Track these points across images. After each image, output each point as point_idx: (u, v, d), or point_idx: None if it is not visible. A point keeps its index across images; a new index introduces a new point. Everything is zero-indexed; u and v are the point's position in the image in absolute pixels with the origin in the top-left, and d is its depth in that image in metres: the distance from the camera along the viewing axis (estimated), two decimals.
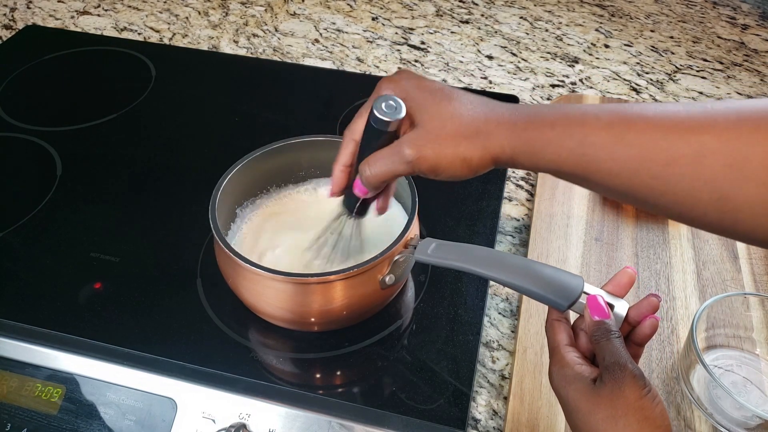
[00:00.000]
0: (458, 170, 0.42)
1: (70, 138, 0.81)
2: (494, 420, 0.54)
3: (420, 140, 0.42)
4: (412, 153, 0.42)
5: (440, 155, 0.42)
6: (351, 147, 0.47)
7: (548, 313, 0.45)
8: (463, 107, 0.42)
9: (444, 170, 0.42)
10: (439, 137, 0.42)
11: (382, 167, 0.44)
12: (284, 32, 1.06)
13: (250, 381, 0.54)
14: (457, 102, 0.43)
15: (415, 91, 0.44)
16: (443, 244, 0.51)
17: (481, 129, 0.41)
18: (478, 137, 0.41)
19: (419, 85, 0.44)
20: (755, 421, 0.49)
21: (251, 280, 0.53)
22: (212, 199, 0.56)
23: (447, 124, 0.42)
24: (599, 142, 0.37)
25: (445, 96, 0.43)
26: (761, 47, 1.03)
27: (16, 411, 0.53)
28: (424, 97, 0.43)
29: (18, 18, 1.08)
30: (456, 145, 0.41)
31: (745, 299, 0.59)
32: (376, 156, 0.44)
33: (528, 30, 1.07)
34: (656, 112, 0.37)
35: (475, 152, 0.41)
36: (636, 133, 0.36)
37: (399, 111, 0.43)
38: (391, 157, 0.43)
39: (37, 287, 0.62)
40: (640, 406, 0.37)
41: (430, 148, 0.42)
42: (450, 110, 0.42)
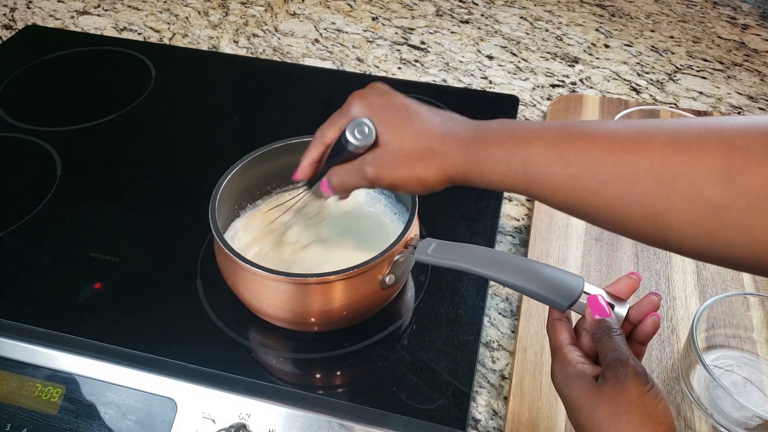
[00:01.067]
0: (414, 188, 0.45)
1: (70, 138, 0.81)
2: (494, 420, 0.54)
3: (379, 160, 0.45)
4: (372, 172, 0.45)
5: (397, 175, 0.45)
6: (321, 149, 0.50)
7: (549, 313, 0.46)
8: (422, 128, 0.45)
9: (401, 187, 0.45)
10: (397, 158, 0.45)
11: (346, 180, 0.48)
12: (284, 32, 1.06)
13: (250, 381, 0.54)
14: (417, 122, 0.45)
15: (382, 109, 0.46)
16: (443, 244, 0.51)
17: (436, 150, 0.44)
18: (433, 158, 0.44)
19: (386, 102, 0.47)
20: (755, 421, 0.49)
21: (251, 280, 0.53)
22: (212, 200, 0.56)
23: (406, 145, 0.45)
24: (541, 161, 0.39)
25: (408, 116, 0.46)
26: (761, 47, 1.03)
27: (16, 411, 0.53)
28: (388, 116, 0.46)
29: (18, 18, 1.08)
30: (411, 166, 0.44)
31: (745, 299, 0.59)
32: (342, 168, 0.48)
33: (528, 30, 1.07)
34: (596, 130, 0.38)
35: (429, 173, 0.44)
36: (574, 152, 0.38)
37: (369, 137, 0.46)
38: (354, 173, 0.47)
39: (37, 287, 0.62)
40: (643, 402, 0.37)
41: (388, 169, 0.45)
42: (410, 131, 0.45)
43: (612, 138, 0.37)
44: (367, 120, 0.46)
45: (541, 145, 0.39)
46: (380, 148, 0.46)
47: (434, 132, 0.45)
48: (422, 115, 0.46)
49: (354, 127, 0.45)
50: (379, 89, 0.49)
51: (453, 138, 0.44)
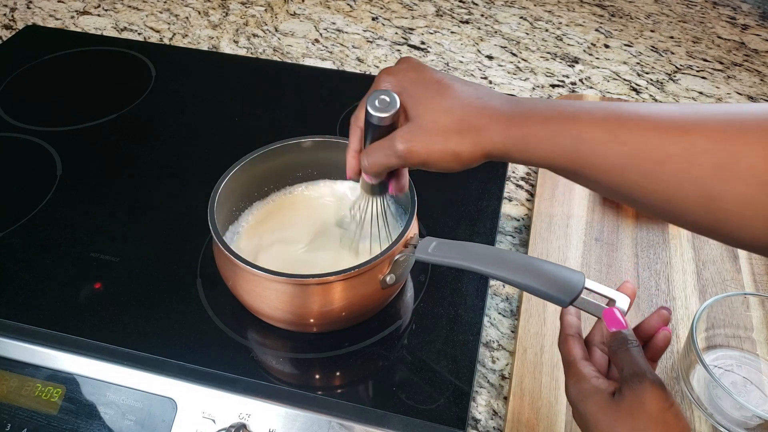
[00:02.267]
0: (449, 164, 0.43)
1: (70, 138, 0.81)
2: (494, 420, 0.54)
3: (411, 134, 0.43)
4: (403, 147, 0.43)
5: (431, 150, 0.42)
6: (357, 134, 0.48)
7: (561, 329, 0.45)
8: (456, 101, 0.43)
9: (434, 164, 0.43)
10: (430, 132, 0.43)
11: (377, 159, 0.45)
12: (284, 32, 1.06)
13: (250, 381, 0.54)
14: (451, 95, 0.43)
15: (411, 84, 0.45)
16: (443, 243, 0.51)
17: (473, 124, 0.42)
18: (469, 132, 0.42)
19: (417, 78, 0.45)
20: (755, 421, 0.49)
21: (250, 281, 0.53)
22: (211, 200, 0.56)
23: (439, 119, 0.43)
24: (592, 139, 0.38)
25: (440, 89, 0.44)
26: (761, 47, 1.03)
27: (16, 411, 0.53)
28: (419, 90, 0.44)
29: (18, 18, 1.08)
30: (446, 140, 0.42)
31: (745, 299, 0.59)
32: (372, 147, 0.46)
33: (528, 30, 1.07)
34: (649, 111, 0.37)
35: (465, 147, 0.42)
36: (628, 131, 0.37)
37: (392, 106, 0.44)
38: (384, 150, 0.44)
39: (37, 287, 0.62)
40: (664, 420, 0.36)
41: (421, 143, 0.43)
42: (443, 104, 0.43)
43: (666, 118, 0.36)
44: (388, 91, 0.44)
45: (593, 123, 0.38)
46: (412, 123, 0.44)
47: (470, 105, 0.43)
48: (456, 88, 0.44)
49: (374, 99, 0.44)
50: (410, 64, 0.47)
51: (491, 112, 0.42)
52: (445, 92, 0.44)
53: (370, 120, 0.45)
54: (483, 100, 0.43)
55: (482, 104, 0.43)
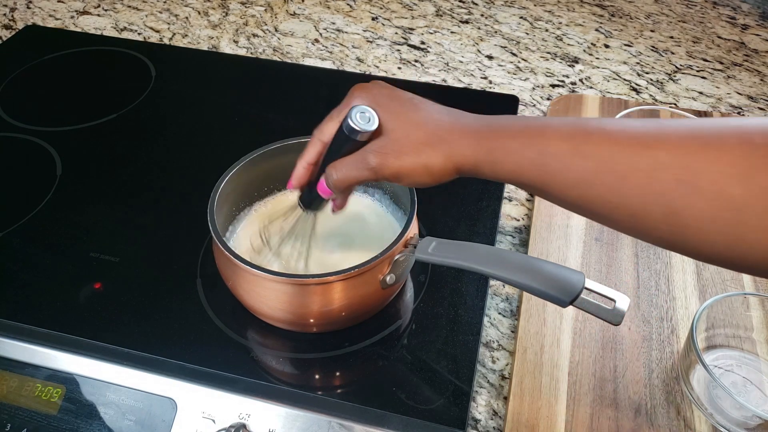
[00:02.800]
0: (419, 177, 0.44)
1: (70, 138, 0.81)
2: (494, 420, 0.54)
3: (384, 148, 0.44)
4: (376, 160, 0.44)
5: (402, 163, 0.43)
6: (318, 147, 0.49)
7: None
8: (429, 117, 0.44)
9: (406, 176, 0.44)
10: (403, 146, 0.43)
11: (348, 173, 0.45)
12: (284, 32, 1.06)
13: (250, 381, 0.54)
14: (424, 112, 0.44)
15: (385, 99, 0.45)
16: (443, 243, 0.51)
17: (445, 138, 0.43)
18: (440, 146, 0.43)
19: (390, 94, 0.46)
20: (755, 421, 0.49)
21: (250, 281, 0.53)
22: (211, 200, 0.56)
23: (411, 133, 0.43)
24: (558, 153, 0.38)
25: (413, 106, 0.45)
26: (761, 47, 1.03)
27: (16, 411, 0.53)
28: (393, 106, 0.45)
29: (18, 18, 1.08)
30: (418, 154, 0.43)
31: (745, 299, 0.58)
32: (342, 162, 0.46)
33: (528, 30, 1.07)
34: (614, 127, 0.38)
35: (436, 160, 0.43)
36: (593, 146, 0.37)
37: (372, 123, 0.44)
38: (356, 164, 0.45)
39: (37, 287, 0.62)
40: None
41: (393, 156, 0.43)
42: (416, 119, 0.44)
43: (630, 133, 0.37)
44: (366, 107, 0.44)
45: (559, 138, 0.39)
46: (384, 136, 0.44)
47: (442, 121, 0.44)
48: (428, 106, 0.45)
49: (356, 113, 0.44)
50: (382, 84, 0.48)
51: (462, 128, 0.43)
52: (417, 108, 0.45)
53: (348, 134, 0.45)
54: (454, 116, 0.44)
55: (453, 120, 0.44)
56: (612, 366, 0.56)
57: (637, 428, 0.52)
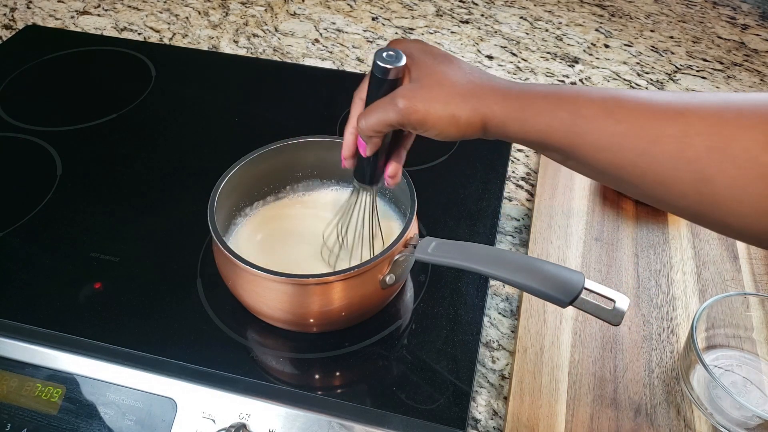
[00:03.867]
0: (446, 127, 0.43)
1: (70, 138, 0.81)
2: (494, 420, 0.54)
3: (413, 92, 0.44)
4: (404, 103, 0.43)
5: (430, 109, 0.43)
6: (360, 107, 0.48)
7: None
8: (461, 71, 0.44)
9: (432, 125, 0.43)
10: (432, 92, 0.43)
11: (376, 116, 0.45)
12: (284, 32, 1.06)
13: (250, 381, 0.54)
14: (456, 66, 0.45)
15: (418, 51, 0.46)
16: (443, 243, 0.51)
17: (475, 92, 0.43)
18: (470, 98, 0.43)
19: (425, 48, 0.47)
20: (755, 421, 0.49)
21: (250, 281, 0.53)
22: (211, 200, 0.56)
23: (443, 82, 0.44)
24: (590, 115, 0.38)
25: (446, 59, 0.45)
26: (761, 47, 1.03)
27: (16, 411, 0.53)
28: (426, 58, 0.45)
29: (18, 18, 1.08)
30: (447, 102, 0.43)
31: (745, 299, 0.59)
32: (372, 106, 0.46)
33: (528, 30, 1.07)
34: (647, 95, 0.38)
35: (464, 111, 0.42)
36: (626, 110, 0.37)
37: (399, 59, 0.44)
38: (384, 106, 0.44)
39: (37, 287, 0.62)
40: None
41: (422, 101, 0.43)
42: (448, 71, 0.44)
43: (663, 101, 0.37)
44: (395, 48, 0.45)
45: (591, 101, 0.39)
46: (414, 83, 0.44)
47: (473, 76, 0.44)
48: (461, 63, 0.46)
49: (382, 52, 0.44)
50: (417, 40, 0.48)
51: (494, 85, 0.43)
52: (450, 63, 0.45)
53: (376, 73, 0.44)
54: (486, 75, 0.45)
55: (485, 78, 0.44)
56: (612, 366, 0.56)
57: (637, 428, 0.52)
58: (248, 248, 0.61)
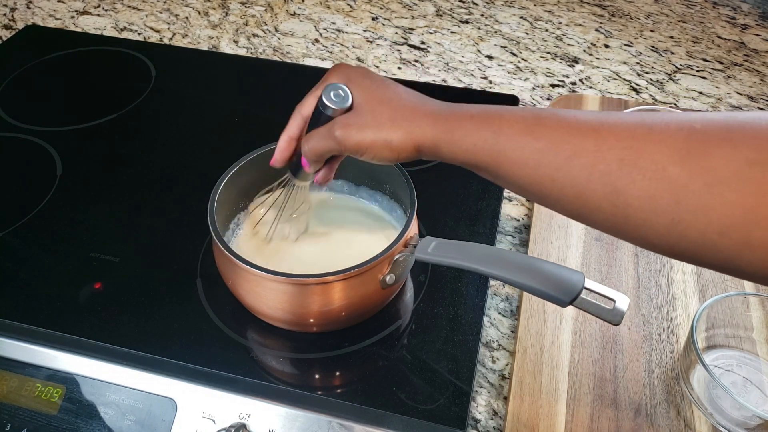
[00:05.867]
0: (380, 151, 0.46)
1: (70, 138, 0.81)
2: (494, 420, 0.54)
3: (349, 121, 0.47)
4: (339, 132, 0.46)
5: (363, 136, 0.46)
6: (298, 121, 0.52)
7: None
8: (396, 96, 0.47)
9: (367, 150, 0.46)
10: (367, 120, 0.46)
11: (316, 144, 0.49)
12: (284, 32, 1.06)
13: (250, 381, 0.54)
14: (392, 91, 0.48)
15: (358, 77, 0.49)
16: (443, 243, 0.51)
17: (407, 116, 0.45)
18: (402, 122, 0.45)
19: (364, 74, 0.49)
20: (755, 421, 0.49)
21: (250, 281, 0.53)
22: (211, 200, 0.56)
23: (377, 109, 0.46)
24: (511, 133, 0.40)
25: (383, 84, 0.48)
26: (761, 47, 1.03)
27: (16, 411, 0.53)
28: (364, 83, 0.48)
29: (18, 18, 1.08)
30: (380, 129, 0.45)
31: (745, 299, 0.59)
32: (313, 133, 0.49)
33: (528, 30, 1.07)
34: (567, 114, 0.40)
35: (396, 135, 0.45)
36: (545, 128, 0.39)
37: (345, 101, 0.47)
38: (323, 135, 0.48)
39: (37, 287, 0.62)
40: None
41: (356, 129, 0.46)
42: (383, 97, 0.47)
43: (581, 119, 0.39)
44: (343, 85, 0.47)
45: (514, 120, 0.41)
46: (352, 112, 0.47)
47: (408, 101, 0.46)
48: (397, 87, 0.48)
49: (330, 91, 0.47)
50: (361, 67, 0.51)
51: (426, 108, 0.45)
52: (387, 88, 0.48)
53: (323, 110, 0.48)
54: (420, 99, 0.47)
55: (419, 101, 0.47)
56: (612, 366, 0.56)
57: (637, 428, 0.52)
58: (248, 248, 0.61)
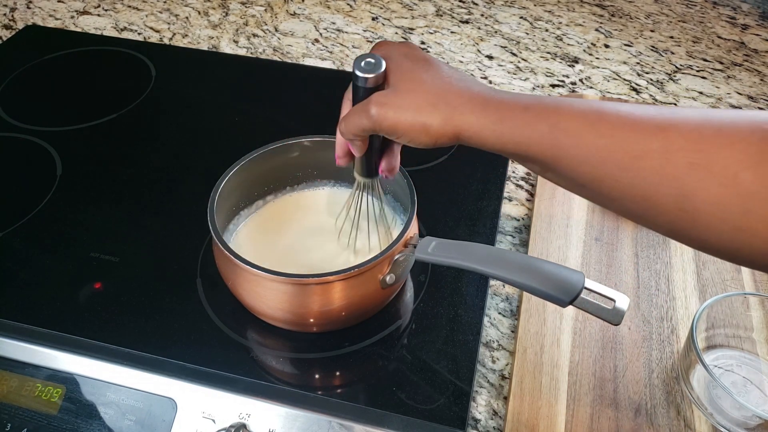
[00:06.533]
0: (417, 135, 0.43)
1: (70, 138, 0.81)
2: (494, 420, 0.54)
3: (386, 99, 0.43)
4: (375, 110, 0.43)
5: (401, 117, 0.43)
6: (348, 107, 0.48)
7: None
8: (438, 78, 0.44)
9: (403, 132, 0.43)
10: (405, 100, 0.43)
11: (352, 120, 0.45)
12: (284, 32, 1.06)
13: (250, 381, 0.54)
14: (434, 71, 0.44)
15: (399, 55, 0.45)
16: (443, 243, 0.51)
17: (450, 101, 0.42)
18: (444, 107, 0.42)
19: (407, 51, 0.46)
20: (755, 421, 0.49)
21: (250, 281, 0.53)
22: (211, 200, 0.56)
23: (417, 89, 0.43)
24: (571, 128, 0.38)
25: (426, 65, 0.45)
26: (761, 47, 1.03)
27: (16, 411, 0.53)
28: (405, 61, 0.45)
29: (18, 18, 1.08)
30: (419, 111, 0.42)
31: (745, 299, 0.59)
32: (349, 111, 0.46)
33: (528, 30, 1.07)
34: (628, 109, 0.38)
35: (436, 121, 0.42)
36: (608, 124, 0.37)
37: (378, 67, 0.44)
38: (359, 113, 0.45)
39: (37, 287, 0.62)
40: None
41: (393, 109, 0.43)
42: (424, 77, 0.43)
43: (645, 116, 0.37)
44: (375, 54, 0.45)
45: (572, 114, 0.38)
46: (390, 90, 0.44)
47: (451, 84, 0.43)
48: (442, 67, 0.45)
49: (360, 60, 0.44)
50: (406, 43, 0.48)
51: (471, 94, 0.42)
52: (429, 68, 0.44)
53: (355, 82, 0.45)
54: (465, 83, 0.44)
55: (463, 86, 0.43)
56: (612, 366, 0.56)
57: (637, 428, 0.52)
58: (248, 248, 0.61)
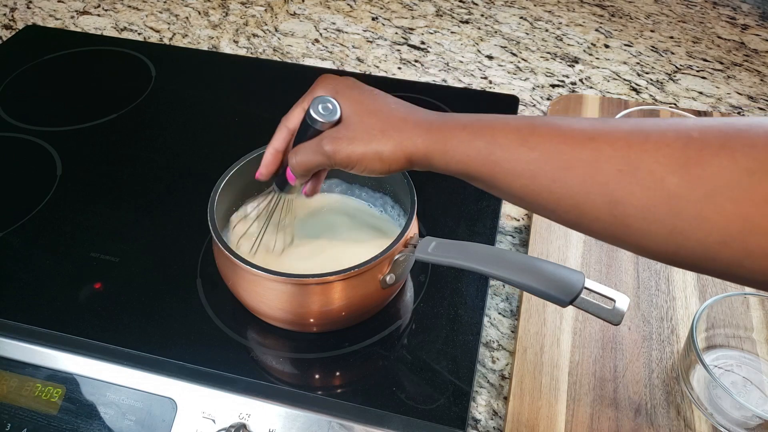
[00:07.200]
0: (370, 163, 0.45)
1: (70, 138, 0.81)
2: (494, 420, 0.54)
3: (338, 134, 0.46)
4: (330, 147, 0.45)
5: (355, 149, 0.45)
6: (284, 133, 0.51)
7: None
8: (385, 106, 0.46)
9: (357, 162, 0.45)
10: (356, 132, 0.45)
11: (305, 158, 0.48)
12: (284, 32, 1.06)
13: (250, 381, 0.54)
14: (381, 102, 0.47)
15: (345, 88, 0.48)
16: (443, 243, 0.51)
17: (398, 126, 0.44)
18: (393, 134, 0.44)
19: (351, 85, 0.49)
20: (755, 421, 0.49)
21: (250, 281, 0.53)
22: (211, 200, 0.56)
23: (366, 121, 0.45)
24: (504, 143, 0.40)
25: (371, 95, 0.47)
26: (761, 47, 1.03)
27: (16, 411, 0.53)
28: (352, 94, 0.47)
29: (18, 18, 1.08)
30: (370, 141, 0.44)
31: (745, 299, 0.59)
32: (301, 147, 0.48)
33: (528, 30, 1.07)
34: (561, 122, 0.39)
35: (387, 147, 0.44)
36: (539, 138, 0.39)
37: (334, 114, 0.46)
38: (312, 149, 0.47)
39: (37, 287, 0.62)
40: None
41: (346, 142, 0.45)
42: (372, 107, 0.46)
43: (576, 128, 0.38)
44: (331, 98, 0.47)
45: (507, 129, 0.40)
46: (341, 124, 0.46)
47: (397, 111, 0.46)
48: (386, 97, 0.47)
49: (318, 104, 0.46)
50: (347, 77, 0.50)
51: (416, 119, 0.45)
52: (376, 99, 0.47)
53: (311, 124, 0.47)
54: (410, 108, 0.46)
55: (408, 111, 0.46)
56: (612, 366, 0.56)
57: (637, 428, 0.52)
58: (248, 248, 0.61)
